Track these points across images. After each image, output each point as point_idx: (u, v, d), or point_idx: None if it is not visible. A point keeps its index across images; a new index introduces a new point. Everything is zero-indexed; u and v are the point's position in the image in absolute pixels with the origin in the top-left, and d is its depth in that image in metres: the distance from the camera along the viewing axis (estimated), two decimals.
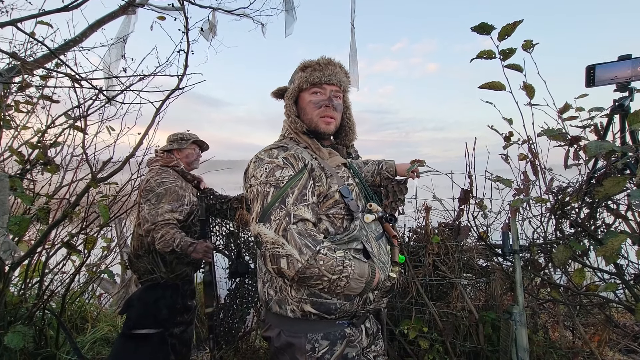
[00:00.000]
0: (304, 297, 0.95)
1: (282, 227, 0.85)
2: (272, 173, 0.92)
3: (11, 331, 1.44)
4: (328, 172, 1.01)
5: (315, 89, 1.07)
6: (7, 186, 1.22)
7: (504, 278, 1.70)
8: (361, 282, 0.88)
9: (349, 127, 1.20)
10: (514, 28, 1.27)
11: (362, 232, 0.98)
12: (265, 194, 0.90)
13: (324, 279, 0.85)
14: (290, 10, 3.17)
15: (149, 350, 1.47)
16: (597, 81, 1.34)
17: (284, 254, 0.84)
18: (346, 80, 1.13)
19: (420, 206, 1.79)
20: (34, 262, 2.03)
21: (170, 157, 2.02)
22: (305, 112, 1.08)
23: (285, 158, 0.96)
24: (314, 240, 0.86)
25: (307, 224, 0.89)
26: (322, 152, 1.08)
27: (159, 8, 2.42)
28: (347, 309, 0.96)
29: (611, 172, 1.27)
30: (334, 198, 0.99)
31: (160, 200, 1.82)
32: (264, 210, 0.88)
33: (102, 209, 1.59)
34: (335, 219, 0.99)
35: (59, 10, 1.11)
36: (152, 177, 1.88)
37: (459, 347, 1.63)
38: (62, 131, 2.06)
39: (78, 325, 2.53)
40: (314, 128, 1.08)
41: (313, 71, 1.07)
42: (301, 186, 0.92)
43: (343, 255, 0.88)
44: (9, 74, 1.66)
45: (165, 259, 1.92)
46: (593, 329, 1.87)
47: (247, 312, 2.15)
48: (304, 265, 0.83)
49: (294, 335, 0.95)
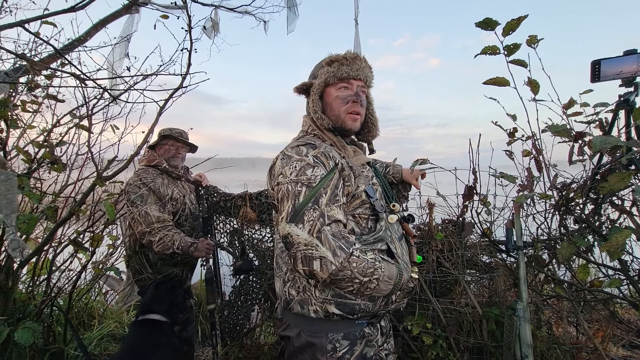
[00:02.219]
0: (328, 297, 0.93)
1: (316, 229, 0.83)
2: (303, 171, 0.90)
3: (21, 327, 1.46)
4: (356, 172, 0.99)
5: (342, 84, 1.04)
6: (16, 185, 1.23)
7: (507, 274, 1.70)
8: (390, 284, 0.88)
9: (372, 123, 1.18)
10: (519, 23, 1.26)
11: (387, 232, 0.97)
12: (297, 193, 0.87)
13: (356, 281, 0.84)
14: (292, 8, 3.16)
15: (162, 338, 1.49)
16: (602, 76, 1.33)
17: (317, 255, 0.82)
18: (371, 75, 1.10)
19: (423, 203, 1.79)
20: (42, 259, 2.06)
21: (153, 155, 1.98)
22: (332, 108, 1.05)
23: (316, 156, 0.93)
24: (347, 242, 0.84)
25: (340, 225, 0.87)
26: (347, 150, 1.06)
27: (162, 7, 2.43)
28: (370, 309, 0.95)
29: (616, 168, 1.26)
30: (360, 198, 0.97)
31: (146, 200, 1.80)
32: (296, 210, 0.86)
33: (108, 207, 1.61)
34: (361, 219, 0.98)
35: (66, 11, 1.12)
36: (132, 178, 1.87)
37: (462, 343, 1.63)
38: (68, 130, 2.08)
39: (85, 321, 2.57)
40: (340, 124, 1.05)
41: (341, 65, 1.04)
42: (333, 186, 0.90)
43: (374, 257, 0.87)
44: (16, 74, 1.67)
45: (150, 259, 1.91)
46: (597, 325, 1.87)
47: (251, 309, 2.17)
48: (337, 268, 0.81)
49: (315, 335, 0.94)
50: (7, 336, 1.47)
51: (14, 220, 1.23)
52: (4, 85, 1.45)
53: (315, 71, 1.12)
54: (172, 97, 1.82)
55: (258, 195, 2.05)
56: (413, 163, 1.52)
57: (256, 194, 2.05)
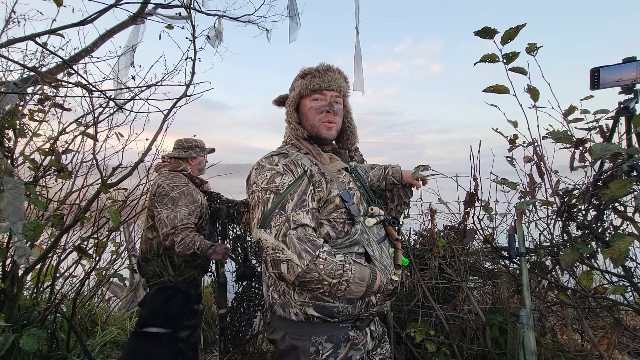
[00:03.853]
0: (306, 300, 0.96)
1: (281, 233, 0.87)
2: (273, 180, 0.95)
3: (26, 334, 1.47)
4: (328, 177, 1.02)
5: (315, 95, 1.09)
6: (23, 193, 1.25)
7: (510, 281, 1.70)
8: (362, 286, 0.89)
9: (350, 131, 1.22)
10: (517, 32, 1.27)
11: (363, 235, 0.99)
12: (266, 200, 0.92)
13: (325, 283, 0.86)
14: (294, 17, 3.21)
15: (161, 349, 1.50)
16: (601, 84, 1.34)
17: (284, 259, 0.85)
18: (345, 85, 1.15)
19: (425, 209, 1.80)
20: (46, 266, 2.08)
21: (178, 162, 2.05)
22: (307, 118, 1.10)
23: (285, 165, 0.98)
24: (314, 245, 0.87)
25: (307, 229, 0.90)
26: (323, 157, 1.09)
27: (167, 17, 2.47)
28: (350, 312, 0.97)
29: (617, 174, 1.27)
30: (334, 203, 1.00)
31: (177, 203, 1.84)
32: (265, 216, 0.91)
33: (112, 214, 1.63)
34: (337, 223, 1.00)
35: (75, 25, 1.15)
36: (164, 181, 1.90)
37: (466, 350, 1.62)
38: (74, 138, 2.11)
39: (88, 328, 2.58)
40: (316, 134, 1.09)
41: (313, 78, 1.09)
42: (300, 192, 0.94)
43: (343, 259, 0.89)
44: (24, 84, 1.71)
45: (174, 262, 1.95)
46: (602, 332, 1.85)
47: (254, 315, 2.17)
48: (303, 270, 0.84)
49: (298, 338, 0.96)
50: (12, 343, 1.48)
51: (20, 228, 1.24)
52: (13, 95, 1.48)
53: (293, 84, 1.17)
54: (175, 106, 1.85)
55: None
56: (415, 169, 1.52)
57: None
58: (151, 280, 1.99)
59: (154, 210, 1.88)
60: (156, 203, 1.87)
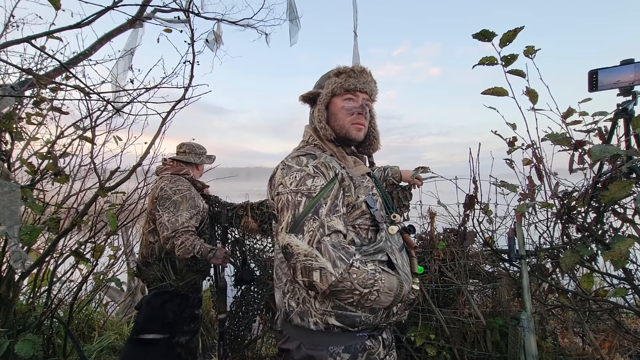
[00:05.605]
0: (328, 309, 0.92)
1: (316, 239, 0.83)
2: (303, 182, 0.90)
3: (21, 339, 1.45)
4: (356, 182, 0.99)
5: (348, 95, 1.06)
6: (19, 197, 1.24)
7: (510, 284, 1.69)
8: (390, 296, 0.87)
9: (373, 136, 1.20)
10: (515, 35, 1.28)
11: (387, 243, 0.96)
12: (297, 203, 0.87)
13: (356, 293, 0.83)
14: (294, 20, 3.22)
15: (158, 356, 1.48)
16: (600, 86, 1.34)
17: (317, 266, 0.81)
18: (376, 89, 1.13)
19: (425, 212, 1.79)
20: (43, 270, 2.06)
21: (180, 165, 2.05)
22: (337, 118, 1.07)
23: (316, 166, 0.93)
24: (347, 253, 0.84)
25: (340, 235, 0.87)
26: (347, 160, 1.07)
27: (165, 21, 2.48)
28: (371, 321, 0.94)
29: (617, 176, 1.27)
30: (361, 208, 0.97)
31: (179, 207, 1.84)
32: (296, 221, 0.86)
33: (110, 218, 1.61)
34: (361, 229, 0.97)
35: (72, 27, 1.14)
36: (166, 184, 1.90)
37: (466, 354, 1.61)
38: (72, 142, 2.10)
39: (85, 333, 2.55)
40: (344, 134, 1.06)
41: (348, 77, 1.06)
42: (333, 196, 0.90)
43: (374, 268, 0.86)
44: (21, 87, 1.70)
45: (176, 266, 1.94)
46: (603, 335, 1.84)
47: (252, 320, 2.15)
48: (337, 279, 0.80)
49: (315, 348, 0.93)
50: (7, 348, 1.46)
51: (16, 232, 1.23)
52: (10, 98, 1.48)
53: (322, 81, 1.13)
54: (174, 109, 1.84)
55: (259, 205, 2.05)
56: (414, 171, 1.52)
57: (257, 204, 2.06)
58: (152, 285, 1.97)
59: (155, 214, 1.87)
60: (158, 206, 1.86)
